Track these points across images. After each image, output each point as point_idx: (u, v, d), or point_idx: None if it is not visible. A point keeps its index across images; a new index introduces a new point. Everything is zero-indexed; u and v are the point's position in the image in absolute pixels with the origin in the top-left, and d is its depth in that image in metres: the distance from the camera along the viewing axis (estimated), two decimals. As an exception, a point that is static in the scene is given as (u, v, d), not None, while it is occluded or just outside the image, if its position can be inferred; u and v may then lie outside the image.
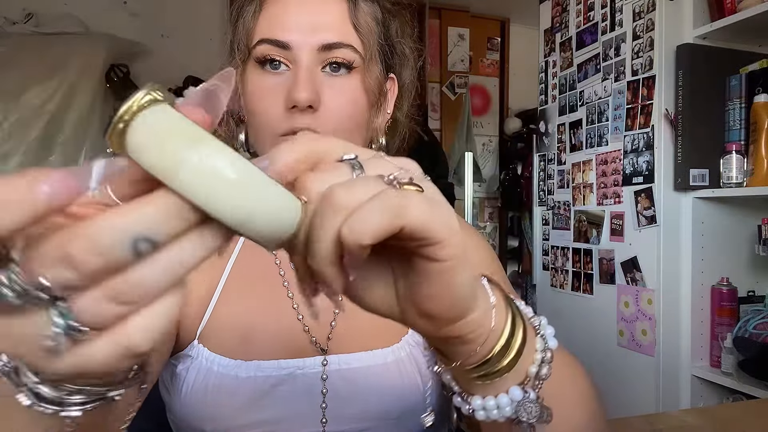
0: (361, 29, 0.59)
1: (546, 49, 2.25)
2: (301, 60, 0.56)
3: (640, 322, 1.77)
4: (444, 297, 0.30)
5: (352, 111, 0.59)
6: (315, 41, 0.56)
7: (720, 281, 1.68)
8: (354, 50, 0.58)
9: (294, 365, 0.60)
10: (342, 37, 0.57)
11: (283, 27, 0.57)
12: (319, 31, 0.57)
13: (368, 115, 0.61)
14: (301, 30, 0.56)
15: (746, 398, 1.52)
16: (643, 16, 1.76)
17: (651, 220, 1.73)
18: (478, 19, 4.28)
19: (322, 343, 0.62)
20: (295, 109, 0.56)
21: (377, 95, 0.62)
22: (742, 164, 1.57)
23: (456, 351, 0.34)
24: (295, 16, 0.57)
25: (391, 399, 0.60)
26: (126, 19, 3.42)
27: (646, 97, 1.74)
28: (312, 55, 0.57)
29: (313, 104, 0.55)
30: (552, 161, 2.21)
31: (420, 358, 0.64)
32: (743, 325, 1.57)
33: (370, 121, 0.62)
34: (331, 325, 0.63)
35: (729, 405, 1.40)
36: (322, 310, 0.56)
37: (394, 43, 0.65)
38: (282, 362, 0.60)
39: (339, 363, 0.61)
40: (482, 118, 4.34)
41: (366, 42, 0.59)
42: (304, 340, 0.62)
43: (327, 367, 0.60)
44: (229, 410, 0.58)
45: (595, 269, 1.96)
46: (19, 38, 3.01)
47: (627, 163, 1.81)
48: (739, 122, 1.61)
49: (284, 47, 0.57)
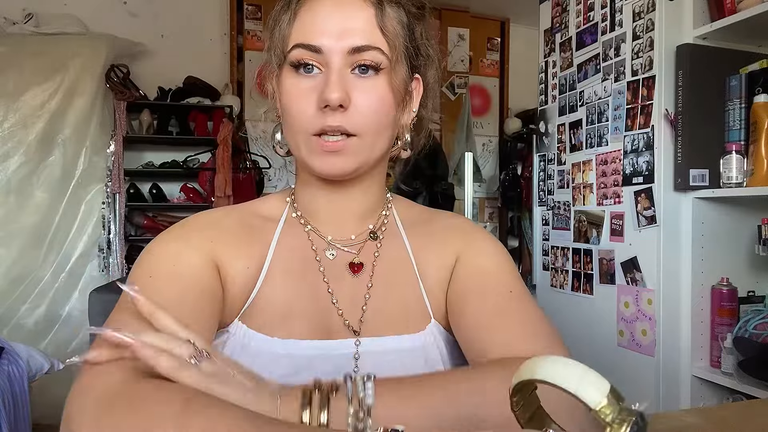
0: (388, 33, 0.63)
1: (546, 49, 2.25)
2: (332, 63, 0.61)
3: (640, 322, 1.77)
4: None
5: (380, 109, 0.63)
6: (345, 45, 0.61)
7: (720, 281, 1.68)
8: (381, 52, 0.62)
9: (328, 345, 0.65)
10: (369, 41, 0.62)
11: (315, 33, 0.62)
12: (349, 36, 0.61)
13: (395, 113, 0.66)
14: (331, 35, 0.61)
15: (746, 398, 1.52)
16: (643, 16, 1.76)
17: (651, 220, 1.73)
18: (478, 20, 4.28)
19: (354, 325, 0.67)
20: (327, 108, 0.61)
21: (403, 95, 0.66)
22: (742, 164, 1.57)
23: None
24: (326, 22, 0.62)
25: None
26: (126, 19, 3.42)
27: (646, 97, 1.74)
28: (342, 58, 0.61)
29: (344, 103, 0.60)
30: (552, 161, 2.21)
31: (443, 347, 0.68)
32: (743, 325, 1.57)
33: (396, 119, 0.67)
34: (363, 309, 0.68)
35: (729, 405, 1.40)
36: (355, 294, 0.69)
37: (419, 44, 0.69)
38: (317, 342, 0.65)
39: (370, 345, 0.66)
40: (482, 118, 4.34)
41: (392, 44, 0.63)
42: (338, 322, 0.67)
43: (359, 348, 0.65)
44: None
45: (595, 269, 1.96)
46: (19, 38, 3.01)
47: (627, 163, 1.81)
48: (739, 122, 1.61)
49: (317, 51, 0.62)
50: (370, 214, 0.72)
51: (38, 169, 2.98)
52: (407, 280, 0.71)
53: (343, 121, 0.61)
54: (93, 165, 3.08)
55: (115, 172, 3.11)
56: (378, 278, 0.69)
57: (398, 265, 0.71)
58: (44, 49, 2.99)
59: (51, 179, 3.00)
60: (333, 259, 0.69)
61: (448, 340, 0.69)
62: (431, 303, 0.70)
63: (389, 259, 0.71)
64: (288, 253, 0.69)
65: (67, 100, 2.99)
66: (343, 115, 0.61)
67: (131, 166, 3.28)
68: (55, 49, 3.01)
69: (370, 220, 0.72)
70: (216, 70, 3.60)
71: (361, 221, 0.72)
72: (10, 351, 2.09)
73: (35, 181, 2.98)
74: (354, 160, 0.64)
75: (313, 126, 0.62)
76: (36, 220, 2.97)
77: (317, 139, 0.62)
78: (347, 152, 0.63)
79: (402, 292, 0.70)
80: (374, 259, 0.70)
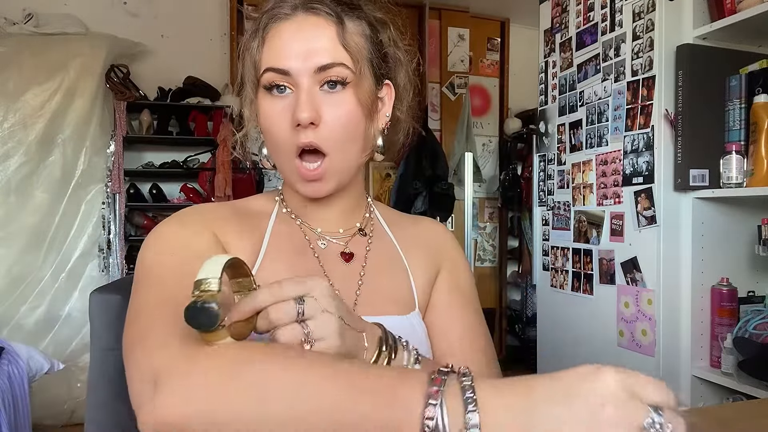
0: (350, 48, 0.67)
1: (546, 50, 2.25)
2: (301, 83, 0.66)
3: (640, 322, 1.77)
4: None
5: (348, 123, 0.68)
6: (310, 65, 0.66)
7: (720, 281, 1.68)
8: (345, 67, 0.67)
9: None
10: (334, 58, 0.66)
11: (282, 56, 0.66)
12: (314, 56, 0.66)
13: (364, 124, 0.70)
14: (298, 57, 0.66)
15: (746, 398, 1.52)
16: (643, 17, 1.76)
17: (651, 220, 1.73)
18: (478, 20, 4.28)
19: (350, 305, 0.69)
20: (300, 126, 0.66)
21: (370, 105, 0.70)
22: (742, 164, 1.57)
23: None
24: (291, 45, 0.66)
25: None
26: (126, 19, 3.42)
27: (646, 97, 1.74)
28: (309, 77, 0.66)
29: (314, 121, 0.65)
30: (552, 161, 2.21)
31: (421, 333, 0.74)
32: (743, 325, 1.58)
33: (367, 129, 0.71)
34: (356, 293, 0.72)
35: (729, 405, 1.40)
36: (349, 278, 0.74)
37: (386, 51, 0.73)
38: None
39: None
40: (482, 118, 4.34)
41: (355, 59, 0.67)
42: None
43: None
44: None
45: (595, 269, 1.96)
46: (19, 38, 3.00)
47: (627, 163, 1.81)
48: (739, 122, 1.61)
49: (285, 73, 0.66)
50: (355, 213, 0.78)
51: (38, 169, 2.98)
52: (398, 268, 0.77)
53: (314, 138, 0.66)
54: (93, 165, 3.08)
55: (115, 172, 3.11)
56: (370, 267, 0.75)
57: (389, 257, 0.78)
58: (44, 49, 2.99)
59: (51, 179, 3.00)
60: (325, 248, 0.74)
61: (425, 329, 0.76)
62: (418, 295, 0.76)
63: (380, 251, 0.77)
64: (283, 239, 0.73)
65: (67, 100, 2.99)
66: (315, 132, 0.66)
67: (131, 166, 3.28)
68: (55, 49, 3.00)
69: (356, 218, 0.78)
70: (216, 70, 3.59)
71: (347, 219, 0.77)
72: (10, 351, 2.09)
73: (35, 181, 2.98)
74: (332, 181, 0.69)
75: (290, 144, 0.67)
76: (36, 220, 2.97)
77: (298, 164, 0.68)
78: (325, 177, 0.68)
79: (394, 278, 0.76)
80: (366, 252, 0.76)
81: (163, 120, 3.33)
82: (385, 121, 0.75)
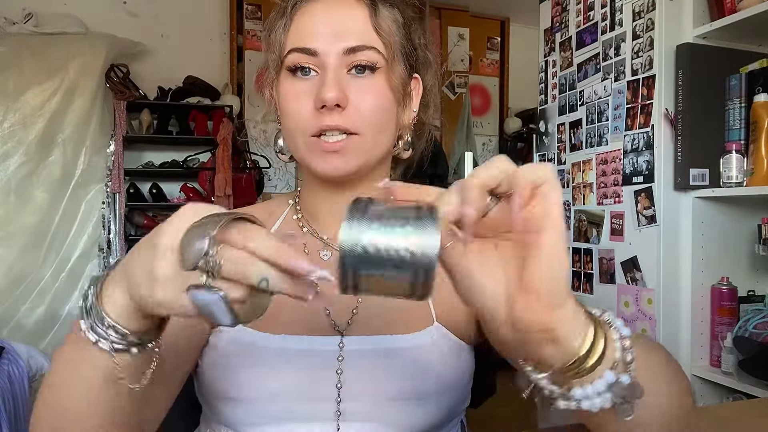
0: (383, 32, 0.63)
1: (546, 49, 2.25)
2: (328, 64, 0.61)
3: (640, 321, 1.77)
4: (553, 269, 0.37)
5: (378, 107, 0.63)
6: (339, 46, 0.61)
7: (720, 281, 1.68)
8: (377, 52, 0.62)
9: (317, 341, 0.64)
10: (364, 41, 0.62)
11: (310, 36, 0.62)
12: (343, 37, 0.62)
13: (395, 111, 0.66)
14: (326, 37, 0.62)
15: (746, 398, 1.52)
16: (643, 16, 1.76)
17: (651, 219, 1.73)
18: (478, 19, 4.28)
19: (341, 325, 0.65)
20: (324, 108, 0.60)
21: (402, 93, 0.66)
22: (742, 164, 1.57)
23: (547, 354, 0.39)
24: (320, 25, 0.62)
25: (403, 382, 0.63)
26: (126, 19, 3.42)
27: (646, 96, 1.74)
28: (338, 59, 0.61)
29: (341, 103, 0.60)
30: (552, 161, 2.21)
31: (443, 349, 0.65)
32: (743, 324, 1.57)
33: (397, 117, 0.67)
34: (353, 312, 0.66)
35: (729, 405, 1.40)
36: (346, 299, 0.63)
37: (416, 46, 0.69)
38: (306, 338, 0.64)
39: (355, 344, 0.64)
40: (482, 118, 4.34)
41: (387, 43, 0.63)
42: (324, 321, 0.66)
43: (344, 347, 0.64)
44: (255, 377, 0.62)
45: (595, 269, 1.96)
46: (19, 38, 3.00)
47: (627, 162, 1.81)
48: (739, 122, 1.61)
49: (312, 54, 0.62)
50: None
51: (38, 169, 2.98)
52: None
53: (341, 121, 0.61)
54: (93, 165, 3.08)
55: (115, 172, 3.11)
56: None
57: None
58: (44, 49, 2.99)
59: (51, 179, 3.00)
60: (327, 260, 0.68)
61: (453, 344, 0.67)
62: (436, 307, 0.67)
63: None
64: None
65: (67, 100, 2.99)
66: (341, 115, 0.61)
67: (131, 165, 3.28)
68: (55, 49, 3.01)
69: None
70: (216, 70, 3.60)
71: None
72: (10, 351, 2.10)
73: (35, 181, 2.98)
74: (355, 160, 0.63)
75: (311, 126, 0.62)
76: (36, 220, 2.97)
77: (316, 139, 0.62)
78: (348, 152, 0.62)
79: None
80: None
81: (163, 120, 3.33)
82: (413, 117, 0.70)
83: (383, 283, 0.34)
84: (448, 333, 0.67)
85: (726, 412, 0.93)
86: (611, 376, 0.39)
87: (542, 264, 0.37)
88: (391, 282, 0.34)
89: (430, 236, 0.33)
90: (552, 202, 0.37)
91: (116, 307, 0.43)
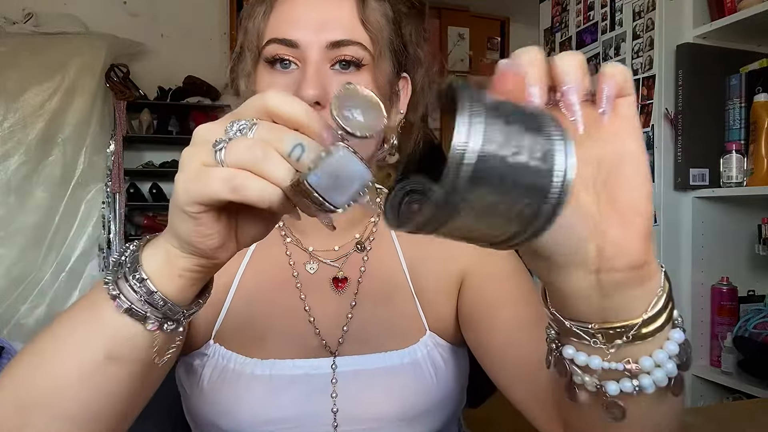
0: (371, 26, 0.58)
1: (546, 49, 2.25)
2: (309, 58, 0.56)
3: (640, 321, 1.77)
4: (642, 182, 0.32)
5: None
6: (323, 39, 0.56)
7: (720, 281, 1.68)
8: (363, 47, 0.57)
9: (309, 365, 0.61)
10: (350, 35, 0.57)
11: (291, 26, 0.57)
12: (328, 29, 0.56)
13: None
14: (309, 28, 0.56)
15: (746, 398, 1.52)
16: (643, 16, 1.76)
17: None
18: (478, 19, 4.27)
19: (332, 345, 0.62)
20: None
21: (389, 93, 0.62)
22: (742, 164, 1.57)
23: (628, 304, 0.33)
24: (303, 14, 0.57)
25: (403, 401, 0.61)
26: (126, 19, 3.42)
27: (646, 96, 1.74)
28: (320, 52, 0.56)
29: (321, 101, 0.54)
30: (552, 161, 2.21)
31: (438, 360, 0.63)
32: (743, 324, 1.57)
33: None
34: (344, 329, 0.63)
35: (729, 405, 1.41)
36: (337, 312, 0.63)
37: (406, 43, 0.64)
38: (297, 362, 0.61)
39: (349, 365, 0.61)
40: (482, 117, 4.34)
41: (375, 39, 0.58)
42: (315, 342, 0.63)
43: (338, 369, 0.61)
44: (245, 406, 0.59)
45: (595, 269, 1.96)
46: (19, 38, 3.00)
47: (627, 162, 1.81)
48: (739, 122, 1.61)
49: (293, 46, 0.57)
50: (357, 223, 0.68)
51: (38, 168, 2.99)
52: (398, 294, 0.65)
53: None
54: (93, 165, 3.08)
55: (115, 171, 3.11)
56: (363, 295, 0.64)
57: (387, 279, 0.66)
58: (44, 49, 2.99)
59: (51, 179, 3.00)
60: (313, 273, 0.65)
61: (447, 350, 0.65)
62: (427, 315, 0.65)
63: (377, 272, 0.66)
64: (262, 268, 0.65)
65: (67, 100, 2.99)
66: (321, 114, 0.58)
67: (131, 165, 3.28)
68: (55, 49, 3.01)
69: (357, 229, 0.68)
70: (216, 69, 3.59)
71: (347, 230, 0.67)
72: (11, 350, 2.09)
73: (35, 181, 2.99)
74: None
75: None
76: (36, 220, 2.97)
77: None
78: None
79: (390, 308, 0.65)
80: (360, 275, 0.65)
81: (163, 119, 3.33)
82: (399, 119, 0.66)
83: (496, 209, 0.25)
84: (441, 340, 0.65)
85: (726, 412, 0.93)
86: (680, 335, 0.34)
87: (636, 178, 0.31)
88: (507, 208, 0.25)
89: (569, 148, 0.25)
90: (634, 112, 0.32)
91: (156, 260, 0.38)
